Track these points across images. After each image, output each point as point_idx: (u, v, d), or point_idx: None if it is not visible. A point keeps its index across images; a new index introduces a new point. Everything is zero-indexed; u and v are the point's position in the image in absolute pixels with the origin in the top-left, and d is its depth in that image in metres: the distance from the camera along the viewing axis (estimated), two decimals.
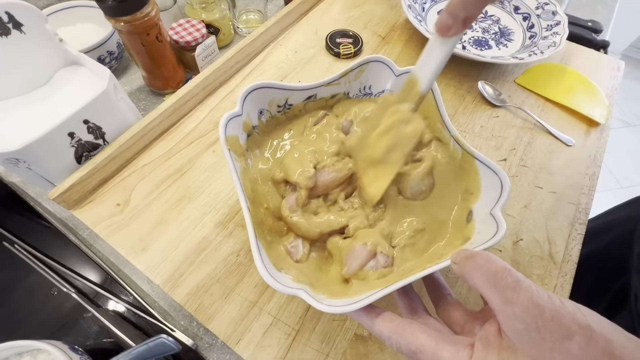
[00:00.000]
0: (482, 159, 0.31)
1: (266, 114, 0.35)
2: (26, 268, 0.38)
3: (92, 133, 0.38)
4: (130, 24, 0.41)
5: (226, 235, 0.38)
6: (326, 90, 0.36)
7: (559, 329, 0.17)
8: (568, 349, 0.16)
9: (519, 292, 0.18)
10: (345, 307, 0.24)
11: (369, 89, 0.38)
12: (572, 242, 0.39)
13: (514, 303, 0.18)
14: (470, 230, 0.29)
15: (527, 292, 0.18)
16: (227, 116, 0.30)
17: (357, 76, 0.37)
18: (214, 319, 0.34)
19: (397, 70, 0.36)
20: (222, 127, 0.29)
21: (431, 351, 0.20)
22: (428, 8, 0.60)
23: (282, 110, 0.36)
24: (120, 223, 0.39)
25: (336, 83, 0.36)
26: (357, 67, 0.36)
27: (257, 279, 0.36)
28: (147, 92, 0.53)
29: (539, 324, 0.17)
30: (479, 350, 0.19)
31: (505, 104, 0.50)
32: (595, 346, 0.16)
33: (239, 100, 0.31)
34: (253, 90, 0.32)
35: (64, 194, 0.37)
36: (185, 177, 0.42)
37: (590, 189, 0.43)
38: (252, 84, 0.32)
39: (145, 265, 0.36)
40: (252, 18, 0.62)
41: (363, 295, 0.25)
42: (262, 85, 0.33)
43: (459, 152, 0.33)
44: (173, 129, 0.46)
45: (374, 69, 0.37)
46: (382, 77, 0.37)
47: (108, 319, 0.34)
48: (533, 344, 0.17)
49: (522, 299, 0.18)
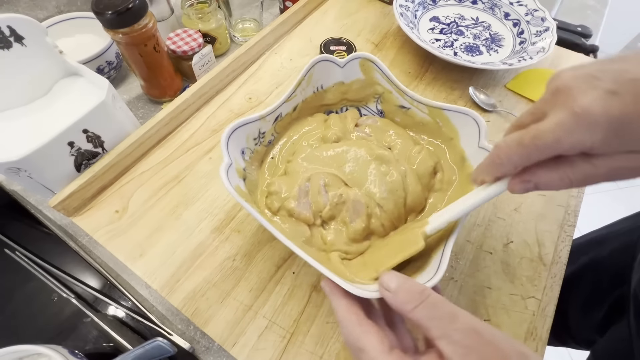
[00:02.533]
0: (448, 107, 0.36)
1: (247, 152, 0.36)
2: (26, 274, 0.39)
3: (91, 142, 0.39)
4: (128, 35, 0.42)
5: (222, 241, 0.39)
6: (288, 105, 0.38)
7: (498, 352, 0.18)
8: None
9: (457, 319, 0.19)
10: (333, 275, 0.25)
11: (321, 87, 0.40)
12: (562, 243, 0.40)
13: (454, 329, 0.19)
14: (469, 167, 0.35)
15: (464, 319, 0.19)
16: (224, 171, 0.29)
17: (309, 81, 0.38)
18: (210, 323, 0.35)
19: (341, 62, 0.39)
20: (226, 182, 0.29)
21: (373, 356, 0.21)
22: (420, 15, 0.61)
23: (258, 141, 0.37)
24: (118, 229, 0.40)
25: (294, 95, 0.38)
26: (307, 74, 0.37)
27: (252, 283, 0.37)
28: (145, 101, 0.54)
29: (479, 348, 0.18)
30: None
31: (496, 109, 0.51)
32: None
33: (223, 150, 0.31)
34: (231, 134, 0.33)
35: (64, 201, 0.38)
36: (182, 184, 0.43)
37: (579, 191, 0.44)
38: (226, 129, 0.32)
39: (143, 270, 0.37)
40: (248, 27, 0.63)
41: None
42: (236, 126, 0.33)
43: (426, 111, 0.39)
44: (170, 137, 0.47)
45: (320, 69, 0.38)
46: (329, 73, 0.39)
47: (107, 323, 0.35)
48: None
49: (461, 326, 0.19)
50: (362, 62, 0.39)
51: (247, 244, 0.39)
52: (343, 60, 0.38)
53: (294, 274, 0.37)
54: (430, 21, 0.61)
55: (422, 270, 0.29)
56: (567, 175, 0.21)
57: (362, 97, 0.42)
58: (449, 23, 0.61)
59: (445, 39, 0.59)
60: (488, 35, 0.60)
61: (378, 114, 0.43)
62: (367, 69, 0.40)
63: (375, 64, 0.39)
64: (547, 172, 0.22)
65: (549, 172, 0.22)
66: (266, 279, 0.37)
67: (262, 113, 0.35)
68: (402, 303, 0.21)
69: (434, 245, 0.31)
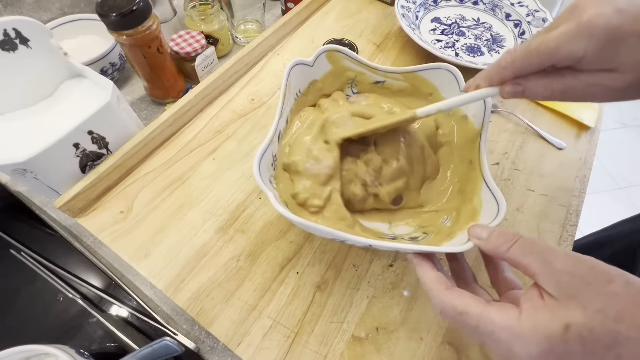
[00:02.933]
0: (421, 68, 0.38)
1: (272, 180, 0.35)
2: (32, 275, 0.39)
3: (96, 143, 0.40)
4: (132, 37, 0.42)
5: (226, 241, 0.39)
6: (282, 120, 0.37)
7: (600, 275, 0.19)
8: (612, 290, 0.18)
9: (556, 252, 0.20)
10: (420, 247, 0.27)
11: (299, 92, 0.40)
12: (563, 243, 0.40)
13: (553, 261, 0.20)
14: (459, 112, 0.38)
15: (561, 251, 0.20)
16: (280, 207, 0.28)
17: (289, 89, 0.38)
18: (215, 323, 0.35)
19: (310, 61, 0.39)
20: (295, 218, 0.28)
21: (478, 312, 0.21)
22: (421, 16, 0.62)
23: (274, 165, 0.36)
24: (123, 230, 0.40)
25: (283, 111, 0.37)
26: (286, 84, 0.37)
27: (256, 283, 0.37)
28: (149, 102, 0.54)
29: (581, 272, 0.19)
30: (527, 309, 0.20)
31: (497, 109, 0.51)
32: (633, 286, 0.18)
33: (263, 187, 0.30)
34: (260, 169, 0.31)
35: (69, 202, 0.39)
36: (186, 185, 0.43)
37: (581, 191, 0.44)
38: (254, 167, 0.31)
39: (148, 270, 0.37)
40: (250, 28, 0.63)
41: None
42: (259, 159, 0.31)
43: (402, 79, 0.41)
44: (174, 138, 0.47)
45: (295, 74, 0.38)
46: (303, 75, 0.39)
47: (112, 323, 0.36)
48: (578, 290, 0.19)
49: (560, 256, 0.20)
50: (329, 55, 0.40)
51: (251, 244, 0.39)
52: (311, 58, 0.39)
53: (297, 274, 0.38)
54: (432, 22, 0.62)
55: (478, 213, 0.32)
56: (550, 84, 0.26)
57: (337, 87, 0.43)
58: (450, 24, 0.61)
59: (446, 40, 0.59)
60: (489, 36, 0.60)
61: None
62: (335, 60, 0.40)
63: (341, 52, 0.40)
64: (536, 79, 0.26)
65: (537, 79, 0.26)
66: (270, 278, 0.37)
67: (269, 135, 0.34)
68: (497, 245, 0.23)
69: (470, 187, 0.35)
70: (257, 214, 0.41)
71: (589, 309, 0.18)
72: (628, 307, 0.18)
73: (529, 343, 0.19)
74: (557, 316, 0.19)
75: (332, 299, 0.36)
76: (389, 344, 0.34)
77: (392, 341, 0.34)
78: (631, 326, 0.17)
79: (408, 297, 0.37)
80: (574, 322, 0.18)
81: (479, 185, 0.34)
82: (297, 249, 0.39)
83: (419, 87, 0.41)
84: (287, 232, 0.40)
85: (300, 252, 0.39)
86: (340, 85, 0.43)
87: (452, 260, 0.29)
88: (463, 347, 0.34)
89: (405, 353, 0.34)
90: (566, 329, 0.18)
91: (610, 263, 0.42)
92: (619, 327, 0.17)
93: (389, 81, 0.42)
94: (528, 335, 0.19)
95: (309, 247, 0.39)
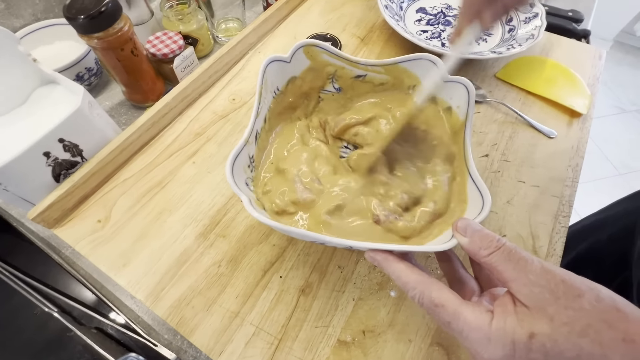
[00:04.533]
0: (402, 59, 0.37)
1: (249, 182, 0.34)
2: (9, 290, 0.38)
3: (69, 151, 0.38)
4: (103, 40, 0.41)
5: (207, 247, 0.38)
6: (260, 120, 0.36)
7: (570, 289, 0.19)
8: (580, 304, 0.18)
9: (532, 263, 0.20)
10: (377, 245, 0.26)
11: (277, 90, 0.39)
12: (556, 235, 0.39)
13: (528, 271, 0.20)
14: (443, 103, 0.37)
15: (537, 263, 0.20)
16: (254, 211, 0.28)
17: (266, 88, 0.37)
18: (195, 332, 0.34)
19: (287, 57, 0.37)
20: (268, 221, 0.27)
21: (454, 308, 0.22)
22: (406, 7, 0.60)
23: (252, 168, 0.35)
24: (101, 239, 0.39)
25: (261, 108, 0.36)
26: (262, 82, 0.35)
27: (238, 289, 0.36)
28: (129, 106, 0.53)
29: (552, 285, 0.19)
30: (498, 314, 0.21)
31: (485, 99, 0.50)
32: (603, 302, 0.18)
33: (236, 190, 0.29)
34: (233, 171, 0.30)
35: (43, 213, 0.37)
36: (166, 190, 0.42)
37: (574, 180, 0.43)
38: (227, 169, 0.30)
39: (126, 280, 0.36)
40: (232, 26, 0.62)
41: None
42: (232, 161, 0.31)
43: (383, 72, 0.39)
44: (153, 142, 0.46)
45: (271, 71, 0.37)
46: (280, 72, 0.38)
47: (91, 337, 0.34)
48: (548, 303, 0.19)
49: (535, 267, 0.20)
50: (306, 50, 0.38)
51: (233, 249, 0.38)
52: (287, 55, 0.37)
53: (281, 277, 0.36)
54: (417, 12, 0.60)
55: (464, 208, 0.31)
56: None
57: (318, 84, 0.41)
58: (436, 14, 0.60)
59: (432, 30, 0.58)
60: None
61: (336, 91, 0.42)
62: (314, 55, 0.39)
63: (319, 47, 0.38)
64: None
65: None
66: (253, 284, 0.36)
67: (245, 136, 0.33)
68: (479, 249, 0.23)
69: (456, 181, 0.34)
70: (238, 217, 0.40)
71: (556, 321, 0.19)
72: (594, 323, 0.18)
73: (495, 347, 0.20)
74: (525, 324, 0.19)
75: (317, 303, 0.35)
76: (377, 348, 0.33)
77: (380, 344, 0.33)
78: (595, 342, 0.18)
79: (395, 297, 0.35)
80: (540, 332, 0.19)
81: (464, 179, 0.33)
82: (281, 252, 0.38)
83: (401, 79, 0.39)
84: (269, 235, 0.39)
85: (283, 255, 0.38)
86: (321, 81, 0.42)
87: (442, 255, 0.29)
88: (453, 348, 0.33)
89: (393, 356, 0.33)
90: (531, 337, 0.19)
91: (608, 245, 0.43)
92: (582, 342, 0.18)
93: (370, 75, 0.40)
94: (495, 339, 0.20)
95: (292, 249, 0.38)
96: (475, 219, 0.27)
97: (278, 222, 0.27)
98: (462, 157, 0.33)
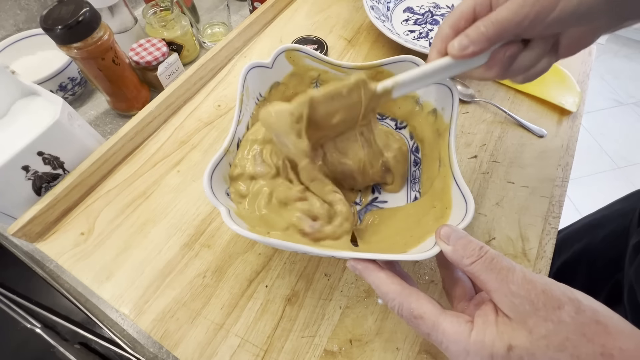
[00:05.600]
0: (386, 62, 0.36)
1: (231, 192, 0.33)
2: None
3: (49, 164, 0.38)
4: (82, 49, 0.41)
5: (192, 257, 0.38)
6: (242, 127, 0.35)
7: (550, 300, 0.19)
8: (559, 317, 0.18)
9: (514, 272, 0.20)
10: (357, 253, 0.25)
11: (260, 96, 0.38)
12: (546, 237, 0.38)
13: (509, 281, 0.20)
14: (429, 105, 0.37)
15: (520, 273, 0.20)
16: (231, 222, 0.27)
17: (247, 94, 0.36)
18: (180, 345, 0.33)
19: (268, 62, 0.37)
20: (245, 233, 0.26)
21: (433, 320, 0.21)
22: (393, 7, 0.59)
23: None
24: (84, 252, 0.38)
25: (242, 115, 0.35)
26: (243, 88, 0.35)
27: (223, 300, 0.35)
28: (114, 115, 0.52)
29: (532, 297, 0.19)
30: (478, 325, 0.20)
31: (474, 99, 0.49)
32: (583, 314, 0.18)
33: (213, 201, 0.29)
34: (211, 181, 0.30)
35: (25, 227, 0.37)
36: (150, 200, 0.41)
37: (564, 180, 0.42)
38: (205, 180, 0.29)
39: (110, 293, 0.36)
40: (218, 31, 0.61)
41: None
42: (211, 171, 0.30)
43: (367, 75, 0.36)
44: (137, 151, 0.45)
45: (253, 77, 0.36)
46: (262, 78, 0.38)
47: (74, 353, 0.34)
48: (528, 315, 0.19)
49: (517, 277, 0.20)
50: (288, 55, 0.38)
51: (218, 259, 0.37)
52: (268, 60, 0.37)
53: (266, 287, 0.36)
54: (404, 12, 0.59)
55: (448, 214, 0.30)
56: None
57: (302, 89, 0.41)
58: (423, 13, 0.59)
59: (420, 30, 0.57)
60: None
61: None
62: (296, 60, 0.39)
63: (301, 52, 0.38)
64: None
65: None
66: (238, 294, 0.35)
67: (224, 145, 0.32)
68: (461, 257, 0.22)
69: (440, 186, 0.33)
70: (223, 226, 0.39)
71: (534, 334, 0.18)
72: (572, 337, 0.18)
73: (473, 359, 0.20)
74: (503, 336, 0.19)
75: (303, 312, 0.35)
76: (364, 357, 0.32)
77: (367, 353, 0.33)
78: (573, 357, 0.17)
79: (383, 305, 0.35)
80: (518, 344, 0.18)
81: (448, 184, 0.32)
82: (266, 261, 0.37)
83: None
84: (255, 244, 0.38)
85: (269, 264, 0.37)
86: (305, 86, 0.41)
87: (441, 261, 0.28)
88: (441, 355, 0.32)
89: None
90: (509, 349, 0.19)
91: (602, 246, 0.42)
92: (560, 357, 0.18)
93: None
94: (473, 352, 0.20)
95: (278, 258, 0.38)
96: (458, 225, 0.26)
97: (255, 234, 0.27)
98: (447, 161, 0.33)
